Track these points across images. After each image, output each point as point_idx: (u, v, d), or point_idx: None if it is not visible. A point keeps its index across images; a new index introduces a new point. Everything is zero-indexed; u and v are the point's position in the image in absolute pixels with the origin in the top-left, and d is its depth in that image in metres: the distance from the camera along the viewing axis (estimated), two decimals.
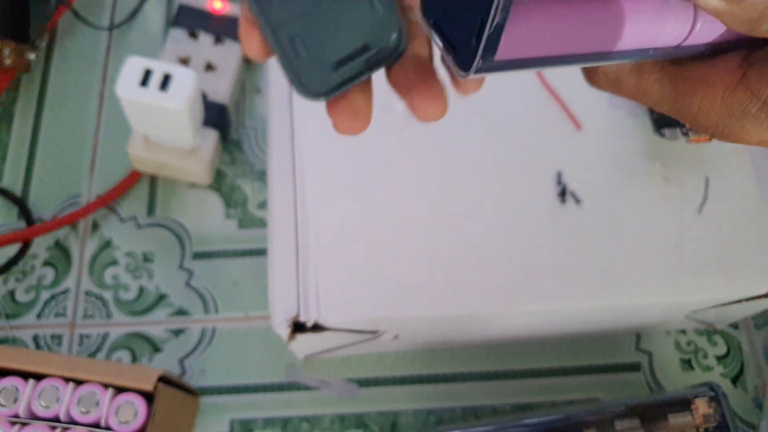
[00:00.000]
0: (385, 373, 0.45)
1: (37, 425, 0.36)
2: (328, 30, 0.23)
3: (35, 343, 0.45)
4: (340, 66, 0.23)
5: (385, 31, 0.23)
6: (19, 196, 0.49)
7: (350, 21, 0.23)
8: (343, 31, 0.23)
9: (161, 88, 0.41)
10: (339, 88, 0.23)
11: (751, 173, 0.38)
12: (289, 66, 0.23)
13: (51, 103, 0.52)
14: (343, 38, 0.23)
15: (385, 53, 0.23)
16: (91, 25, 0.54)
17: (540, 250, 0.37)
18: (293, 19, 0.22)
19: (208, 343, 0.46)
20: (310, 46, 0.23)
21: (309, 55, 0.23)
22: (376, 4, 0.23)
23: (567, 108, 0.39)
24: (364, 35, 0.23)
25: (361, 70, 0.23)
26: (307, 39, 0.23)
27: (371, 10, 0.23)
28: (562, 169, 0.38)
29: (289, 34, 0.22)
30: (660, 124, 0.38)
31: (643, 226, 0.37)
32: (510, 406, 0.44)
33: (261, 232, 0.48)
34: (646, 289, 0.36)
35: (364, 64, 0.23)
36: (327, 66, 0.23)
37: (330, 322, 0.35)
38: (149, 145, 0.46)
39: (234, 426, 0.44)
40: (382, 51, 0.23)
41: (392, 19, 0.23)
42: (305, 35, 0.23)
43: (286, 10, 0.22)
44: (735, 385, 0.45)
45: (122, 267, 0.47)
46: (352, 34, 0.23)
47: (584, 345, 0.46)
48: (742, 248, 0.37)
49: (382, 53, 0.23)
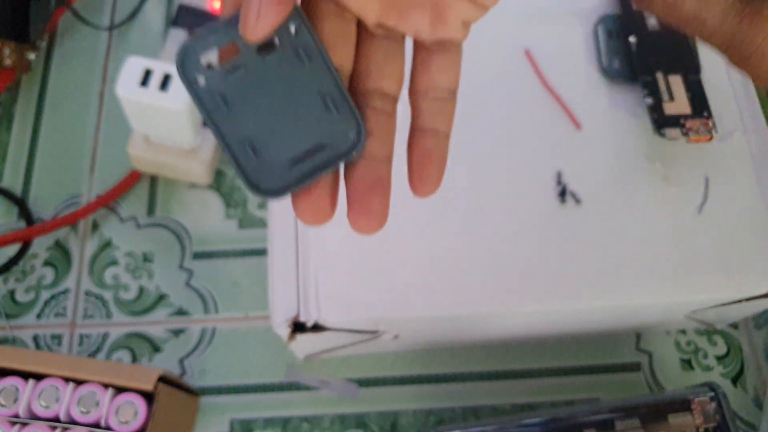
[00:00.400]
0: (385, 373, 0.45)
1: (37, 425, 0.36)
2: (280, 131, 0.22)
3: (35, 343, 0.45)
4: (295, 164, 0.22)
5: (342, 129, 0.23)
6: (19, 196, 0.49)
7: (304, 121, 0.23)
8: (296, 131, 0.23)
9: (161, 88, 0.41)
10: (294, 185, 0.22)
11: (751, 173, 0.38)
12: (239, 166, 0.22)
13: (51, 103, 0.52)
14: (297, 138, 0.23)
15: (343, 151, 0.23)
16: (91, 25, 0.54)
17: (540, 250, 0.37)
18: (245, 123, 0.22)
19: (208, 343, 0.46)
20: (262, 147, 0.22)
21: (261, 155, 0.22)
22: (330, 103, 0.23)
23: (567, 108, 0.39)
24: (318, 134, 0.23)
25: (318, 167, 0.22)
26: (258, 141, 0.22)
27: (325, 109, 0.23)
28: (562, 169, 0.38)
29: (240, 136, 0.22)
30: (660, 124, 0.38)
31: (643, 226, 0.37)
32: (510, 406, 0.44)
33: (261, 232, 0.48)
34: (646, 289, 0.36)
35: (321, 162, 0.22)
36: (281, 165, 0.22)
37: (330, 322, 0.35)
38: (149, 145, 0.46)
39: (234, 426, 0.44)
40: (339, 149, 0.23)
41: (349, 116, 0.23)
42: (257, 137, 0.22)
43: (237, 114, 0.22)
44: (735, 385, 0.45)
45: (122, 267, 0.47)
46: (307, 133, 0.23)
47: (584, 345, 0.46)
48: (742, 248, 0.37)
49: (339, 151, 0.23)
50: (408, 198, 0.37)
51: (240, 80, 0.22)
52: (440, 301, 0.36)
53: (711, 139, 0.38)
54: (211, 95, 0.22)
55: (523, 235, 0.37)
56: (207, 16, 0.50)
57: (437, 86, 0.23)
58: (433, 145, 0.23)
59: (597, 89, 0.40)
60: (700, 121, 0.38)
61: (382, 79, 0.23)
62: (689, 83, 0.39)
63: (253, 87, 0.22)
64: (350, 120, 0.23)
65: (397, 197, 0.37)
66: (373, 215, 0.23)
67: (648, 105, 0.39)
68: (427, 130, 0.24)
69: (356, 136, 0.23)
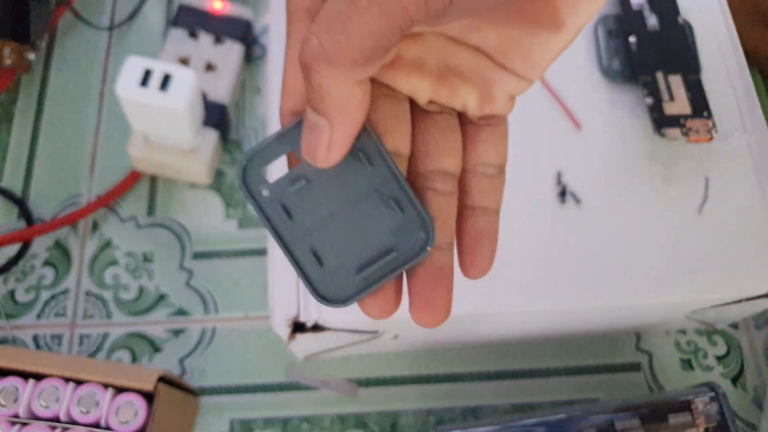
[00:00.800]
0: (385, 373, 0.45)
1: (37, 425, 0.36)
2: (345, 237, 0.22)
3: (35, 343, 0.45)
4: (362, 270, 0.22)
5: (409, 230, 0.22)
6: (19, 196, 0.49)
7: (369, 225, 0.22)
8: (362, 237, 0.22)
9: (161, 88, 0.41)
10: (362, 291, 0.22)
11: (751, 173, 0.38)
12: (305, 278, 0.22)
13: (51, 103, 0.52)
14: (362, 243, 0.22)
15: (413, 253, 0.22)
16: (91, 25, 0.54)
17: (540, 250, 0.37)
18: (309, 232, 0.22)
19: (208, 343, 0.46)
20: (327, 256, 0.22)
21: (328, 264, 0.22)
22: (395, 204, 0.22)
23: (567, 108, 0.39)
24: (385, 238, 0.22)
25: (387, 271, 0.22)
26: (324, 249, 0.22)
27: (391, 211, 0.22)
28: (562, 169, 0.38)
29: (305, 246, 0.22)
30: (660, 124, 0.38)
31: (643, 226, 0.37)
32: (510, 406, 0.44)
33: (261, 232, 0.48)
34: (646, 289, 0.36)
35: (390, 265, 0.22)
36: (348, 272, 0.22)
37: (330, 322, 0.35)
38: (149, 145, 0.46)
39: (234, 426, 0.44)
40: (408, 251, 0.22)
41: (415, 215, 0.22)
42: (322, 246, 0.22)
43: (301, 224, 0.22)
44: (735, 385, 0.45)
45: (122, 267, 0.47)
46: (373, 238, 0.22)
47: (584, 345, 0.46)
48: (742, 248, 0.37)
49: (409, 253, 0.22)
50: None
51: (302, 189, 0.22)
52: None
53: (711, 139, 0.38)
54: (274, 206, 0.22)
55: (523, 235, 0.37)
56: (207, 16, 0.50)
57: (486, 162, 0.23)
58: (484, 225, 0.23)
59: (597, 89, 0.40)
60: (700, 121, 0.38)
61: (442, 157, 0.23)
62: (689, 83, 0.39)
63: (315, 195, 0.22)
64: (417, 219, 0.22)
65: None
66: (437, 310, 0.22)
67: (648, 105, 0.39)
68: (477, 208, 0.23)
69: (425, 235, 0.22)
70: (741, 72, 0.41)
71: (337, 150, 0.20)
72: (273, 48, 0.40)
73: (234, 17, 0.50)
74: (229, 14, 0.51)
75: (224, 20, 0.50)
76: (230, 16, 0.50)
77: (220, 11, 0.50)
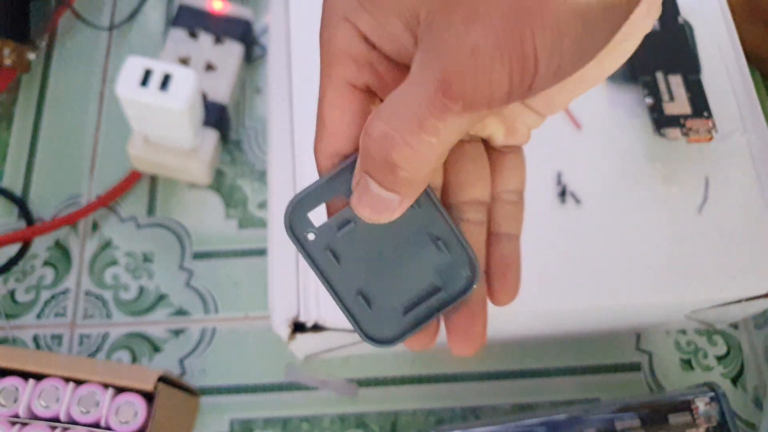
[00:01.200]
0: (385, 373, 0.45)
1: (37, 425, 0.36)
2: (393, 279, 0.22)
3: (35, 343, 0.45)
4: (409, 310, 0.22)
5: (455, 268, 0.22)
6: (19, 196, 0.49)
7: (416, 266, 0.22)
8: (409, 277, 0.22)
9: (161, 88, 0.41)
10: (410, 331, 0.22)
11: (751, 173, 0.38)
12: (354, 320, 0.22)
13: (51, 103, 0.52)
14: (409, 284, 0.22)
15: (458, 291, 0.22)
16: (91, 25, 0.54)
17: (540, 250, 0.37)
18: (356, 275, 0.22)
19: (208, 343, 0.46)
20: (375, 297, 0.22)
21: (375, 305, 0.22)
22: (442, 244, 0.22)
23: (567, 108, 0.39)
24: (431, 277, 0.22)
25: (433, 310, 0.22)
26: (371, 291, 0.22)
27: (437, 251, 0.22)
28: (562, 169, 0.38)
29: (353, 289, 0.22)
30: (660, 124, 0.38)
31: (643, 226, 0.37)
32: (510, 406, 0.44)
33: (261, 232, 0.48)
34: (646, 289, 0.36)
35: (436, 304, 0.22)
36: (396, 313, 0.22)
37: (330, 322, 0.35)
38: (149, 145, 0.46)
39: (234, 426, 0.44)
40: (454, 289, 0.22)
41: (461, 253, 0.22)
42: (369, 288, 0.22)
43: (348, 267, 0.22)
44: (735, 385, 0.45)
45: (122, 267, 0.47)
46: (419, 278, 0.22)
47: (584, 345, 0.46)
48: (742, 248, 0.37)
49: (455, 291, 0.22)
50: None
51: (350, 232, 0.22)
52: None
53: (711, 139, 0.38)
54: (321, 251, 0.22)
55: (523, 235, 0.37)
56: (207, 16, 0.50)
57: (509, 189, 0.24)
58: (509, 251, 0.24)
59: (597, 89, 0.40)
60: (700, 121, 0.38)
61: (474, 187, 0.23)
62: (689, 83, 0.39)
63: (363, 237, 0.22)
64: (463, 257, 0.22)
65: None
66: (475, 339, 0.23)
67: (648, 105, 0.39)
68: (502, 235, 0.24)
69: (472, 273, 0.22)
70: (741, 72, 0.41)
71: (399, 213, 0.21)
72: (273, 48, 0.40)
73: (234, 17, 0.50)
74: (229, 14, 0.51)
75: (224, 20, 0.50)
76: (230, 16, 0.50)
77: (220, 11, 0.50)
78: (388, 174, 0.19)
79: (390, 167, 0.19)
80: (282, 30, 0.41)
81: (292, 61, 0.40)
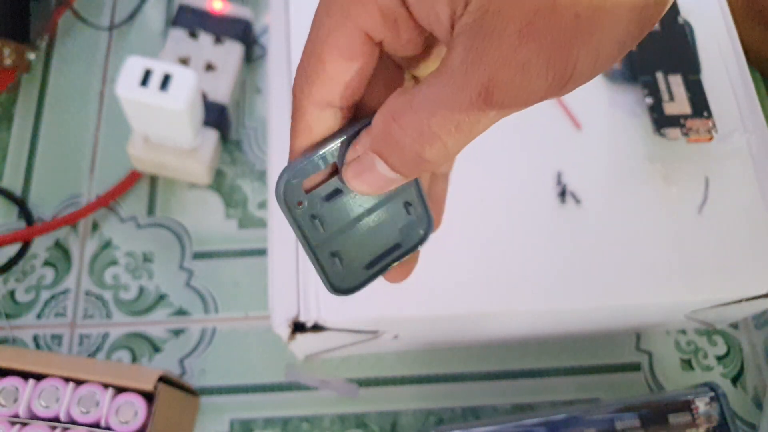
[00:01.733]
0: (385, 373, 0.45)
1: (37, 425, 0.36)
2: (365, 240, 0.24)
3: (35, 343, 0.45)
4: (371, 266, 0.24)
5: (416, 228, 0.25)
6: (19, 196, 0.49)
7: (386, 229, 0.24)
8: (378, 237, 0.24)
9: (161, 88, 0.41)
10: (369, 281, 0.25)
11: (751, 173, 0.38)
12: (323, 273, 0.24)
13: (51, 103, 0.52)
14: (377, 242, 0.24)
15: (412, 246, 0.25)
16: (91, 25, 0.54)
17: (540, 250, 0.37)
18: (336, 239, 0.23)
19: (208, 343, 0.46)
20: (347, 256, 0.24)
21: (345, 263, 0.24)
22: (411, 209, 0.24)
23: (567, 108, 0.39)
24: (397, 236, 0.24)
25: (389, 263, 0.25)
26: (345, 252, 0.24)
27: (406, 215, 0.24)
28: (562, 169, 0.38)
29: (330, 251, 0.24)
30: (660, 124, 0.38)
31: (643, 226, 0.37)
32: (510, 406, 0.44)
33: (261, 232, 0.48)
34: (646, 289, 0.36)
35: (393, 258, 0.25)
36: (360, 268, 0.24)
37: (330, 322, 0.35)
38: (149, 145, 0.46)
39: (234, 426, 0.44)
40: (410, 245, 0.25)
41: (423, 216, 0.24)
42: (344, 250, 0.24)
43: (331, 233, 0.23)
44: (735, 385, 0.45)
45: (122, 267, 0.47)
46: (386, 239, 0.24)
47: (584, 345, 0.46)
48: (742, 248, 0.37)
49: (411, 247, 0.25)
50: None
51: (335, 201, 0.23)
52: (440, 301, 0.36)
53: (711, 139, 0.38)
54: (308, 219, 0.23)
55: (523, 235, 0.37)
56: (207, 16, 0.50)
57: None
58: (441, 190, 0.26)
59: (597, 89, 0.40)
60: (700, 121, 0.38)
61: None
62: (689, 83, 0.39)
63: (346, 207, 0.23)
64: (423, 219, 0.25)
65: None
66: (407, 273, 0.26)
67: (648, 105, 0.39)
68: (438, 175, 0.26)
69: (425, 231, 0.25)
70: (741, 72, 0.41)
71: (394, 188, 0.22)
72: (273, 48, 0.40)
73: (234, 17, 0.50)
74: (229, 14, 0.51)
75: (224, 20, 0.50)
76: (230, 16, 0.50)
77: (220, 11, 0.50)
78: (411, 164, 0.20)
79: (418, 160, 0.19)
80: (282, 30, 0.41)
81: (292, 61, 0.40)
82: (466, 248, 0.36)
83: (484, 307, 0.36)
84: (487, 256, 0.36)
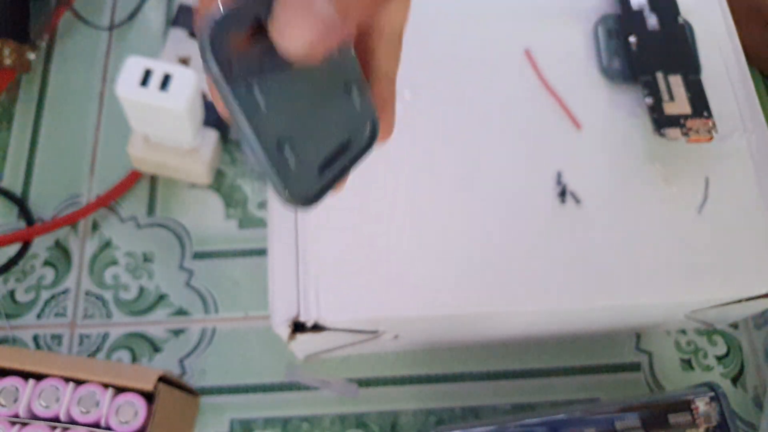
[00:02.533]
0: (385, 373, 0.45)
1: (37, 425, 0.36)
2: (312, 130, 0.21)
3: (35, 343, 0.45)
4: (324, 168, 0.22)
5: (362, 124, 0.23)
6: (19, 196, 0.49)
7: (331, 118, 0.22)
8: (326, 130, 0.22)
9: (161, 88, 0.41)
10: (326, 191, 0.22)
11: (751, 173, 0.38)
12: (277, 176, 0.21)
13: (51, 103, 0.52)
14: (326, 137, 0.22)
15: (364, 147, 0.23)
16: (91, 25, 0.54)
17: (540, 250, 0.37)
18: (280, 123, 0.20)
19: (208, 343, 0.46)
20: (297, 150, 0.21)
21: (296, 161, 0.21)
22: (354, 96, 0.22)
23: (567, 108, 0.39)
24: (345, 131, 0.22)
25: (345, 168, 0.23)
26: (294, 143, 0.21)
27: (349, 104, 0.22)
28: (562, 169, 0.38)
29: (276, 139, 0.20)
30: (660, 124, 0.38)
31: (643, 227, 0.37)
32: (510, 406, 0.44)
33: (261, 232, 0.48)
34: (646, 289, 0.36)
35: (346, 161, 0.23)
36: (313, 171, 0.22)
37: (330, 322, 0.35)
38: (149, 145, 0.46)
39: (234, 426, 0.44)
40: (361, 144, 0.23)
41: (368, 109, 0.23)
42: (292, 139, 0.21)
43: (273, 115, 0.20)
44: (735, 385, 0.45)
45: (122, 267, 0.47)
46: (333, 132, 0.22)
47: (584, 345, 0.46)
48: (742, 248, 0.37)
49: (361, 147, 0.23)
50: (408, 198, 0.37)
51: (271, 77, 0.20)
52: (440, 301, 0.36)
53: (711, 139, 0.38)
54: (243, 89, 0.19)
55: (523, 235, 0.37)
56: None
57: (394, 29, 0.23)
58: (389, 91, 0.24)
59: (597, 89, 0.40)
60: (700, 121, 0.38)
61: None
62: (689, 83, 0.39)
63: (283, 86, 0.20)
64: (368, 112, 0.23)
65: (398, 197, 0.37)
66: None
67: (648, 105, 0.39)
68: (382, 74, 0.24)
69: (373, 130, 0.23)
70: (741, 72, 0.41)
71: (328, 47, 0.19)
72: None
73: None
74: None
75: None
76: None
77: None
78: None
79: None
80: None
81: None
82: (466, 248, 0.36)
83: (485, 307, 0.36)
84: (487, 256, 0.36)
